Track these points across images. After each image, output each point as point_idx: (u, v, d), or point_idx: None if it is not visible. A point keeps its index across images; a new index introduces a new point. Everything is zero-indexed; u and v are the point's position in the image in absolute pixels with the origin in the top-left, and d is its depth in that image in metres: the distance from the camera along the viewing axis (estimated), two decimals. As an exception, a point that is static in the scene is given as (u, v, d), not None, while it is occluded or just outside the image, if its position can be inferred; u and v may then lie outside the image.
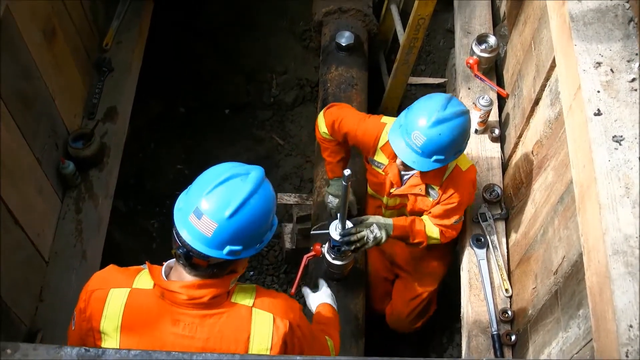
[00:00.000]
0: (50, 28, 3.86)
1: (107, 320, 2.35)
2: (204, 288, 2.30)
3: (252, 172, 2.30)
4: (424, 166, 3.23)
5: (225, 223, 2.20)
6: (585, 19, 2.70)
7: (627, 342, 2.00)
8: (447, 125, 3.12)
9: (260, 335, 2.34)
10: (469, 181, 3.51)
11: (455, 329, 4.77)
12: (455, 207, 3.52)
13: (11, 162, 3.36)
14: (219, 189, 2.22)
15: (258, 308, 2.36)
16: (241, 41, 5.96)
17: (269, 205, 2.32)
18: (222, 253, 2.24)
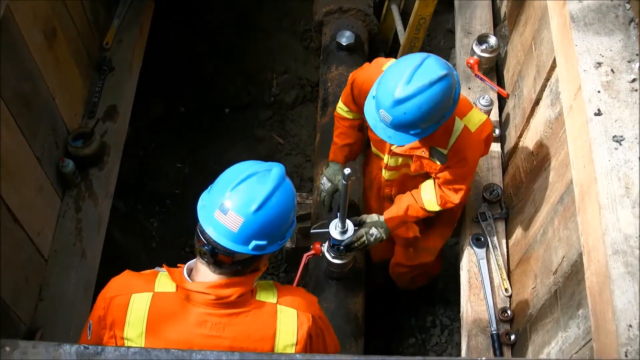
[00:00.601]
0: (50, 28, 3.86)
1: (130, 326, 2.35)
2: (230, 287, 2.31)
3: (274, 169, 2.34)
4: (401, 140, 2.97)
5: (252, 217, 2.22)
6: (586, 19, 2.70)
7: (627, 342, 2.00)
8: (412, 103, 2.78)
9: (285, 331, 2.36)
10: (479, 142, 3.20)
11: (455, 328, 4.77)
12: (468, 169, 3.28)
13: (11, 160, 3.37)
14: (243, 185, 2.25)
15: (282, 305, 2.39)
16: (242, 41, 5.96)
17: (291, 201, 2.35)
18: (247, 248, 2.26)
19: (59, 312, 3.65)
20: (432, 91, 2.77)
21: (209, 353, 1.91)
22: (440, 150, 3.20)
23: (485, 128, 3.19)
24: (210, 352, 1.92)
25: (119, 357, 1.88)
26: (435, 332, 4.82)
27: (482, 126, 3.18)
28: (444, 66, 2.83)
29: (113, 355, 1.88)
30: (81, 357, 1.88)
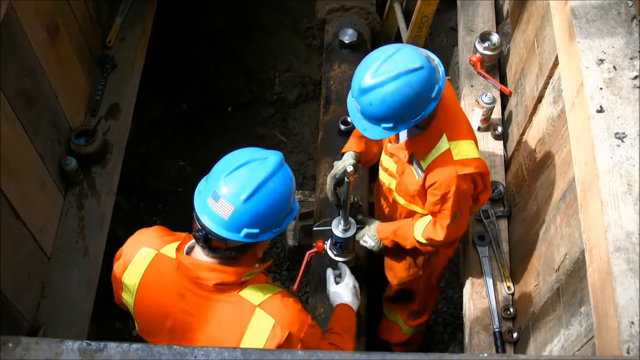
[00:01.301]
0: (53, 25, 3.86)
1: (129, 274, 2.48)
2: (213, 272, 2.33)
3: (271, 157, 2.32)
4: (374, 134, 2.83)
5: (242, 206, 2.22)
6: (588, 16, 2.70)
7: (629, 338, 2.00)
8: (376, 94, 2.69)
9: (253, 336, 2.33)
10: (455, 176, 2.95)
11: (457, 326, 4.77)
12: (439, 201, 3.05)
13: (14, 158, 3.37)
14: (236, 173, 2.25)
15: (263, 310, 2.35)
16: (244, 39, 5.96)
17: (286, 190, 2.33)
18: (239, 236, 2.26)
19: (61, 309, 3.65)
20: (397, 83, 2.66)
21: (210, 350, 1.91)
22: (420, 162, 3.07)
23: (470, 165, 2.98)
24: (212, 349, 1.92)
25: (121, 353, 1.88)
26: (437, 329, 4.82)
27: (467, 162, 2.98)
28: (417, 59, 2.70)
29: (115, 351, 1.88)
30: (84, 353, 1.88)
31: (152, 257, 2.47)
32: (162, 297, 2.42)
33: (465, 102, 4.15)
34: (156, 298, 2.44)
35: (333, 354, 1.91)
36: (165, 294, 2.41)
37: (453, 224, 3.13)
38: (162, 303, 2.42)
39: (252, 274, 2.40)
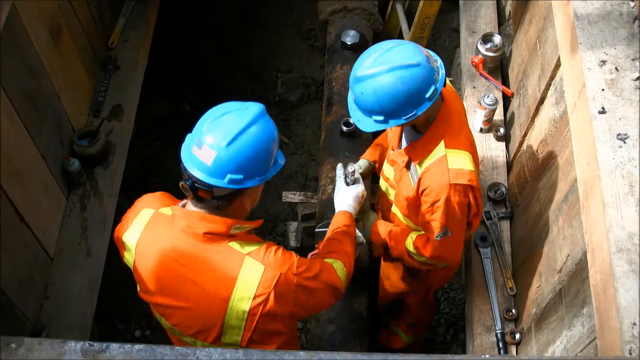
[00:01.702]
0: (56, 26, 3.87)
1: (129, 233, 2.58)
2: (202, 220, 2.40)
3: (252, 106, 2.42)
4: (366, 126, 2.82)
5: (224, 151, 2.29)
6: (590, 17, 2.70)
7: (631, 339, 2.00)
8: (368, 84, 2.69)
9: (246, 282, 2.39)
10: (448, 183, 2.90)
11: (460, 327, 4.78)
12: (429, 209, 3.01)
13: (17, 159, 3.38)
14: (218, 120, 2.34)
15: (252, 257, 2.41)
16: (247, 40, 5.97)
17: (268, 137, 2.40)
18: (223, 182, 2.32)
19: (64, 310, 3.66)
20: (390, 76, 2.66)
21: (212, 351, 1.91)
22: (415, 168, 3.05)
23: (464, 176, 2.92)
24: (214, 350, 1.93)
25: (123, 354, 1.89)
26: (440, 330, 4.83)
27: (461, 172, 2.93)
28: (415, 56, 2.69)
29: (117, 351, 1.89)
30: (86, 354, 1.88)
31: (150, 216, 2.57)
32: (157, 251, 2.49)
33: (467, 103, 4.15)
34: (153, 253, 2.51)
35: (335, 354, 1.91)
36: (160, 248, 2.49)
37: (441, 242, 3.06)
38: (158, 257, 2.49)
39: (241, 228, 2.45)
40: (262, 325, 2.44)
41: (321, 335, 3.60)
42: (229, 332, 2.47)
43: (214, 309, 2.44)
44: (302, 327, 4.76)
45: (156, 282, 2.53)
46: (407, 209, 3.26)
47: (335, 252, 2.80)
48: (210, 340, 2.53)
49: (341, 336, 3.59)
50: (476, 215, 3.11)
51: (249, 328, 2.44)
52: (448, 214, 2.97)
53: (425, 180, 2.98)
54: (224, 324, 2.45)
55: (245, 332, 2.45)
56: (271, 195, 5.26)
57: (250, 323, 2.43)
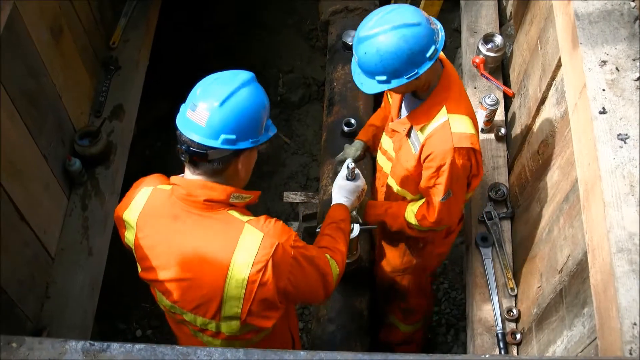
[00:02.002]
0: (57, 26, 3.88)
1: (130, 211, 2.61)
2: (202, 188, 2.44)
3: (242, 73, 2.53)
4: (370, 88, 2.89)
5: (217, 111, 2.37)
6: (591, 17, 2.71)
7: (631, 339, 2.00)
8: (371, 43, 2.76)
9: (245, 249, 2.41)
10: (452, 148, 2.97)
11: (460, 328, 4.78)
12: (434, 174, 3.05)
13: (18, 158, 3.38)
14: (211, 85, 2.47)
15: (251, 225, 2.44)
16: (248, 40, 5.97)
17: (259, 100, 2.50)
18: (217, 142, 2.37)
19: (65, 310, 3.66)
20: (392, 35, 2.73)
21: (213, 350, 1.92)
22: (417, 135, 3.10)
23: (466, 140, 2.99)
24: (214, 350, 1.93)
25: (124, 353, 1.89)
26: (441, 331, 4.83)
27: (464, 136, 3.00)
28: (416, 16, 2.77)
29: (118, 351, 1.89)
30: (87, 353, 1.89)
31: (150, 193, 2.60)
32: (158, 224, 2.54)
33: (468, 103, 4.14)
34: (153, 227, 2.55)
35: (335, 354, 1.91)
36: (160, 221, 2.53)
37: (445, 203, 3.14)
38: (159, 230, 2.53)
39: (240, 197, 2.50)
40: (260, 294, 2.45)
41: (322, 334, 3.60)
42: (229, 304, 2.49)
43: (213, 277, 2.46)
44: (303, 327, 4.77)
45: (157, 256, 2.56)
46: (404, 179, 3.32)
47: (330, 249, 2.81)
48: (210, 315, 2.54)
49: (342, 336, 3.59)
50: (476, 176, 3.18)
51: (248, 298, 2.45)
52: (452, 177, 3.04)
53: (429, 145, 3.04)
54: (223, 294, 2.46)
55: (244, 303, 2.46)
56: (272, 195, 5.26)
57: (249, 293, 2.44)
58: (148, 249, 2.57)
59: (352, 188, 3.17)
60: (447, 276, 5.03)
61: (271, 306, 2.52)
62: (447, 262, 5.09)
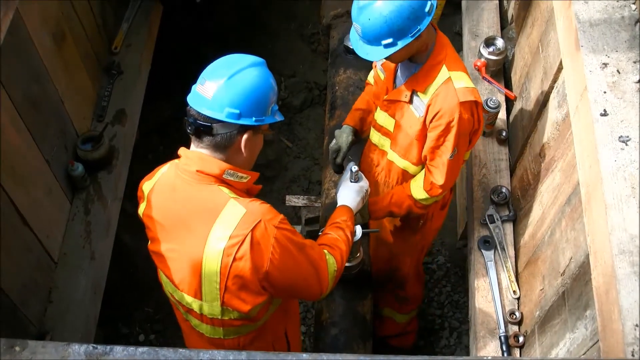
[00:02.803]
0: (60, 32, 3.89)
1: (149, 182, 2.70)
2: (198, 159, 2.49)
3: (253, 56, 2.60)
4: (377, 55, 2.97)
5: (223, 84, 2.44)
6: (592, 20, 2.71)
7: (633, 341, 2.00)
8: (373, 8, 2.85)
9: (225, 221, 2.44)
10: (458, 103, 3.05)
11: (463, 331, 4.78)
12: (443, 132, 3.11)
13: (20, 163, 3.39)
14: (221, 62, 2.55)
15: (236, 201, 2.47)
16: (250, 44, 5.98)
17: (266, 80, 2.55)
18: (221, 114, 2.42)
19: (67, 314, 3.67)
20: None
21: (216, 353, 1.92)
22: (420, 98, 3.16)
23: (470, 93, 3.09)
24: (217, 352, 1.93)
25: (127, 357, 1.89)
26: (444, 334, 4.83)
27: (467, 90, 3.09)
28: None
29: (121, 354, 1.90)
30: (90, 357, 1.89)
31: (167, 167, 2.67)
32: (161, 195, 2.61)
33: (470, 106, 4.15)
34: (157, 198, 2.63)
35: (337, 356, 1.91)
36: (164, 191, 2.60)
37: (452, 161, 3.19)
38: (160, 201, 2.61)
39: (235, 175, 2.53)
40: (235, 270, 2.45)
41: (324, 338, 3.60)
42: (208, 279, 2.50)
43: (194, 248, 2.48)
44: (305, 331, 4.77)
45: (156, 226, 2.63)
46: (407, 148, 3.36)
47: (329, 245, 2.82)
48: (193, 292, 2.57)
49: (344, 339, 3.58)
50: (477, 131, 3.24)
51: (223, 273, 2.46)
52: (459, 132, 3.12)
53: (436, 104, 3.10)
54: (202, 268, 2.48)
55: (221, 277, 2.47)
56: (275, 199, 5.27)
57: (225, 267, 2.44)
58: (151, 218, 2.64)
59: (357, 189, 3.20)
60: (449, 279, 5.03)
61: (248, 286, 2.51)
62: (449, 264, 5.10)
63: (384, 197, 3.52)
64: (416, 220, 3.73)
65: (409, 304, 4.35)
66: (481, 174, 3.94)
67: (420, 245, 3.96)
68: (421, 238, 3.89)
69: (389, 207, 3.49)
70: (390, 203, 3.48)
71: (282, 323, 2.94)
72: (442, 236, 5.21)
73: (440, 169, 3.23)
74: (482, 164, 3.95)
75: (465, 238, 4.11)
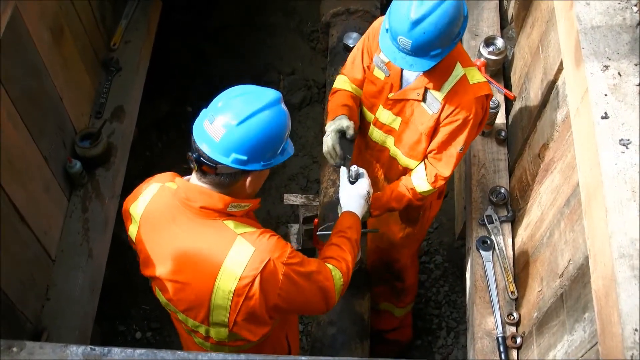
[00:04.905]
0: (58, 27, 3.87)
1: (136, 205, 2.61)
2: (201, 194, 2.43)
3: (269, 92, 2.44)
4: (423, 66, 2.97)
5: (233, 129, 2.32)
6: (593, 22, 2.70)
7: (632, 345, 2.00)
8: (429, 22, 2.82)
9: (233, 262, 2.40)
10: (474, 98, 3.12)
11: (461, 331, 4.78)
12: (460, 126, 3.17)
13: (19, 160, 3.38)
14: (233, 100, 2.39)
15: (244, 238, 2.43)
16: (249, 41, 5.97)
17: (280, 124, 2.44)
18: (227, 160, 2.35)
19: (65, 312, 3.67)
20: (445, 6, 2.82)
21: (214, 356, 1.91)
22: (434, 95, 3.17)
23: (483, 88, 3.15)
24: (215, 355, 1.93)
25: (125, 358, 1.89)
26: (441, 334, 4.83)
27: (481, 85, 3.15)
28: None
29: (119, 356, 1.89)
30: (87, 358, 1.88)
31: (157, 189, 2.59)
32: (159, 223, 2.54)
33: (469, 106, 4.14)
34: (153, 225, 2.55)
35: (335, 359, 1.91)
36: (161, 219, 2.53)
37: (460, 155, 3.27)
38: (159, 227, 2.53)
39: (239, 206, 2.47)
40: (246, 308, 2.44)
41: (322, 337, 3.59)
42: (216, 312, 2.49)
43: (202, 285, 2.46)
44: (303, 330, 4.76)
45: (154, 254, 2.57)
46: (413, 146, 3.37)
47: (336, 258, 2.79)
48: (200, 319, 2.55)
49: (342, 339, 3.58)
50: (481, 123, 3.29)
51: (234, 309, 2.45)
52: (474, 126, 3.20)
53: (453, 100, 3.14)
54: (210, 302, 2.47)
55: (231, 312, 2.46)
56: (273, 197, 5.26)
57: (235, 305, 2.44)
58: (147, 245, 2.58)
59: (358, 191, 3.14)
60: (447, 279, 5.03)
61: (258, 320, 2.52)
62: (447, 264, 5.10)
63: (383, 193, 3.51)
64: (416, 212, 3.75)
65: (407, 295, 4.36)
66: (480, 174, 3.93)
67: (418, 235, 4.01)
68: (420, 228, 3.94)
69: (389, 202, 3.49)
70: (390, 199, 3.48)
71: (283, 330, 2.94)
72: (440, 235, 5.21)
73: (449, 161, 3.28)
74: (481, 164, 3.95)
75: (463, 238, 4.10)
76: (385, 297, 4.34)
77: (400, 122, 3.36)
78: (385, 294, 4.31)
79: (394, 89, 3.31)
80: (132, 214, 2.63)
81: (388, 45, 2.99)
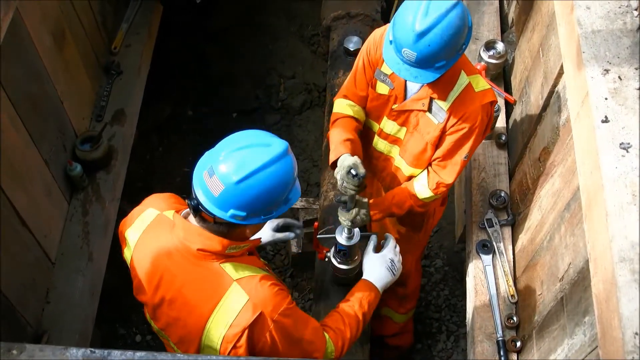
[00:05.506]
0: (59, 31, 3.88)
1: (132, 230, 2.59)
2: (199, 236, 2.39)
3: (275, 145, 2.33)
4: (428, 78, 2.94)
5: (232, 187, 2.25)
6: (594, 26, 2.70)
7: (633, 349, 1.99)
8: (434, 33, 2.80)
9: (226, 308, 2.38)
10: (480, 106, 3.12)
11: (461, 334, 4.77)
12: (466, 134, 3.17)
13: (19, 163, 3.38)
14: (236, 153, 2.27)
15: (240, 285, 2.39)
16: (250, 45, 5.98)
17: (283, 180, 2.34)
18: (225, 214, 2.30)
19: (65, 315, 3.67)
20: (450, 18, 2.80)
21: (214, 358, 1.91)
22: (439, 105, 3.16)
23: (488, 95, 3.15)
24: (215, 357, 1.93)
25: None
26: (441, 337, 4.82)
27: (486, 92, 3.15)
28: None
29: (119, 359, 1.89)
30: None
31: (154, 217, 2.56)
32: (154, 254, 2.50)
33: (470, 110, 4.14)
34: (149, 255, 2.51)
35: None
36: (157, 252, 2.49)
37: (464, 162, 3.28)
38: (153, 260, 2.49)
39: (238, 248, 2.44)
40: (234, 354, 2.42)
41: (322, 341, 3.59)
42: (207, 351, 2.47)
43: (194, 324, 2.44)
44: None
45: (149, 283, 2.53)
46: (418, 156, 3.37)
47: (334, 331, 2.77)
48: (191, 351, 2.52)
49: (342, 343, 3.58)
50: (486, 130, 3.30)
51: (223, 352, 2.43)
52: (479, 133, 3.21)
53: (459, 109, 3.14)
54: (201, 342, 2.45)
55: (221, 353, 2.43)
56: (273, 201, 5.26)
57: (225, 349, 2.42)
58: (142, 273, 2.55)
59: (380, 260, 3.12)
60: (447, 283, 5.03)
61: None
62: (447, 268, 5.10)
63: (385, 198, 3.51)
64: (420, 219, 3.77)
65: (409, 301, 4.37)
66: (480, 177, 3.93)
67: (422, 241, 4.04)
68: (423, 235, 3.96)
69: (390, 208, 3.49)
70: (392, 204, 3.48)
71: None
72: (441, 239, 5.21)
73: (452, 169, 3.29)
74: (481, 168, 3.95)
75: (463, 241, 4.10)
76: (386, 303, 4.34)
77: (406, 132, 3.36)
78: (387, 299, 4.31)
79: (398, 100, 3.30)
80: (127, 239, 2.61)
81: (392, 57, 2.97)
